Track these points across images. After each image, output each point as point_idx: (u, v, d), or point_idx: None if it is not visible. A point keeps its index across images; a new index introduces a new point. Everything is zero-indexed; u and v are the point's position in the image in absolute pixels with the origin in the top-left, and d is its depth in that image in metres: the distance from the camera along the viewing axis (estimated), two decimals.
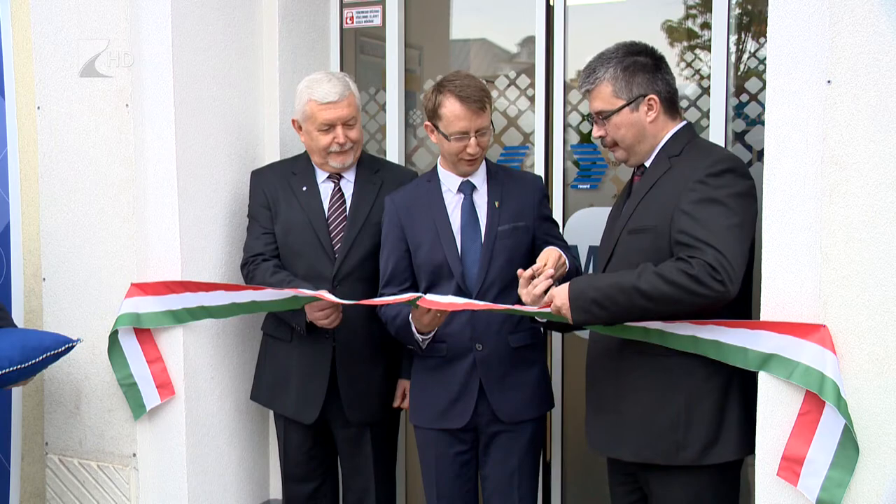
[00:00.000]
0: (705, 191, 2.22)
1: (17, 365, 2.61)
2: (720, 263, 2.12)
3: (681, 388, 2.29)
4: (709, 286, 2.12)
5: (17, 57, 3.12)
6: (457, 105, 2.57)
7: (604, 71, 2.38)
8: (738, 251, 2.16)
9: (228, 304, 2.91)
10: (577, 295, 2.26)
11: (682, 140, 2.38)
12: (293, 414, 2.95)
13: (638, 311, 2.21)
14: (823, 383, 2.08)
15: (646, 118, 2.37)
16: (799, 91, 2.14)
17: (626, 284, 2.20)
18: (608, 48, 2.43)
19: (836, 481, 2.09)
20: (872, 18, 2.02)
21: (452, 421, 2.69)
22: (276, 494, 3.41)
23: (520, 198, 2.71)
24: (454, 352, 2.67)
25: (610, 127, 2.39)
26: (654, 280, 2.16)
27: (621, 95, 2.36)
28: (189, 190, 3.02)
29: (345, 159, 2.90)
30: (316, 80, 2.88)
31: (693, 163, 2.29)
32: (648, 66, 2.37)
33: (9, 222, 3.06)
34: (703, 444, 2.27)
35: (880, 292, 2.05)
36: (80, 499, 3.20)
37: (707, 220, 2.18)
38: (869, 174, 2.05)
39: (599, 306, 2.23)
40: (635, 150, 2.40)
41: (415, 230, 2.73)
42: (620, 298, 2.20)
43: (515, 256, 2.66)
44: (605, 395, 2.42)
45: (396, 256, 2.76)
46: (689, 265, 2.14)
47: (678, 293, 2.14)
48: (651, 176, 2.37)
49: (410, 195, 2.79)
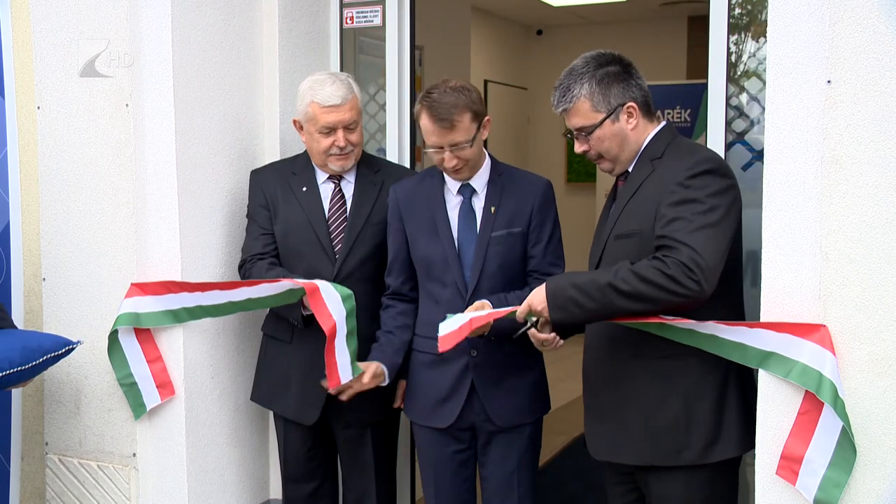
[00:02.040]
0: (684, 193, 2.22)
1: (17, 367, 2.61)
2: (695, 262, 2.12)
3: (678, 388, 2.30)
4: (684, 285, 2.12)
5: (17, 56, 3.11)
6: (427, 121, 2.57)
7: (579, 88, 2.35)
8: (714, 250, 2.15)
9: (225, 302, 2.91)
10: (554, 293, 2.27)
11: (663, 141, 2.38)
12: (294, 415, 2.95)
13: (615, 309, 2.21)
14: (821, 383, 2.08)
15: (627, 126, 2.36)
16: (799, 91, 2.14)
17: (603, 282, 2.20)
18: (575, 63, 2.40)
19: (834, 481, 2.09)
20: (873, 18, 2.03)
21: (438, 420, 2.70)
22: (276, 494, 3.41)
23: (518, 202, 2.69)
24: (449, 353, 2.65)
25: (593, 141, 2.37)
26: (630, 278, 2.17)
27: (600, 109, 2.35)
28: (189, 189, 3.02)
29: (344, 163, 2.90)
30: (319, 81, 2.87)
31: (674, 165, 2.29)
32: (620, 74, 2.36)
33: (9, 222, 3.06)
34: (704, 442, 2.28)
35: (880, 292, 2.05)
36: (80, 498, 3.20)
37: (684, 220, 2.18)
38: (869, 174, 2.05)
39: (576, 304, 2.23)
40: (620, 159, 2.40)
41: (413, 223, 2.73)
42: (597, 296, 2.20)
43: (507, 262, 2.66)
44: (603, 400, 2.42)
45: (396, 248, 2.77)
46: (664, 264, 2.15)
47: (654, 292, 2.14)
48: (634, 180, 2.37)
49: (413, 188, 2.79)
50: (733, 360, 2.23)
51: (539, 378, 2.78)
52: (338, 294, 2.69)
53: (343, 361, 2.69)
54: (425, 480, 2.81)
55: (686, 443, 2.28)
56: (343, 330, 2.69)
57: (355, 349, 2.72)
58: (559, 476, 4.54)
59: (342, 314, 2.68)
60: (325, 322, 2.66)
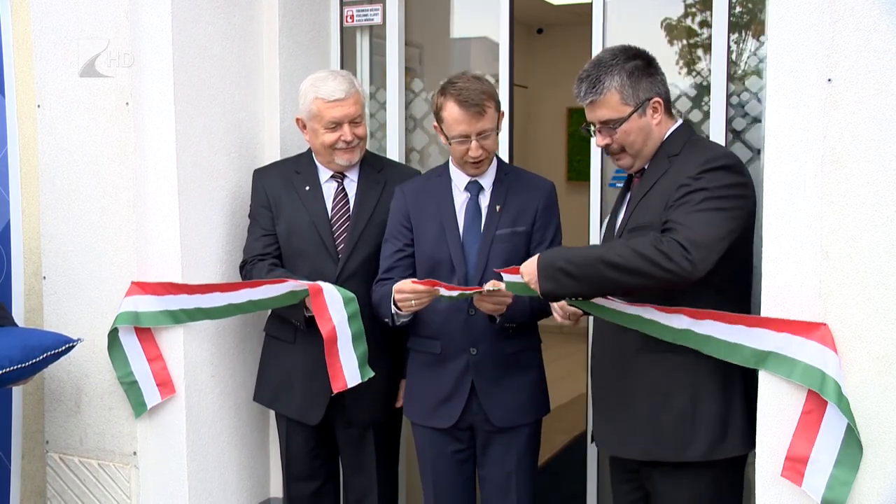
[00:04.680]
0: (695, 184, 2.23)
1: (17, 364, 2.61)
2: (691, 242, 2.13)
3: (685, 384, 2.30)
4: (676, 262, 2.12)
5: (17, 55, 3.11)
6: (455, 109, 2.56)
7: (609, 79, 2.34)
8: (714, 236, 2.16)
9: (225, 305, 2.91)
10: (546, 264, 2.25)
11: (681, 138, 2.38)
12: (298, 415, 2.95)
13: (605, 282, 2.20)
14: (824, 382, 2.08)
15: (652, 121, 2.36)
16: (799, 89, 2.14)
17: (596, 254, 2.21)
18: (602, 56, 2.40)
19: (841, 480, 2.09)
20: (873, 17, 2.02)
21: (440, 420, 2.70)
22: (276, 493, 3.41)
23: (524, 202, 2.69)
24: (448, 352, 2.67)
25: (619, 134, 2.37)
26: (625, 251, 2.17)
27: (629, 102, 2.34)
28: (189, 188, 3.02)
29: (351, 156, 2.90)
30: (321, 78, 2.87)
31: (690, 161, 2.30)
32: (647, 68, 2.37)
33: (9, 221, 3.06)
34: (711, 439, 2.28)
35: (881, 290, 2.05)
36: (80, 497, 3.20)
37: (687, 204, 2.20)
38: (869, 172, 2.05)
39: (566, 274, 2.22)
40: (643, 153, 2.39)
41: (421, 222, 2.72)
42: (588, 269, 2.20)
43: (512, 260, 2.65)
44: (611, 395, 2.43)
45: (397, 246, 2.75)
46: (659, 241, 2.16)
47: (646, 266, 2.14)
48: (651, 176, 2.37)
49: (421, 187, 2.79)
50: (730, 361, 2.23)
51: (538, 378, 2.78)
52: (340, 297, 2.69)
53: (349, 365, 2.69)
54: (424, 480, 2.81)
55: (692, 438, 2.28)
56: (346, 333, 2.68)
57: (364, 352, 2.72)
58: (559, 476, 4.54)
59: (343, 317, 2.68)
60: (324, 325, 2.66)
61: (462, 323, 2.65)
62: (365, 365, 2.71)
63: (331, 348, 2.68)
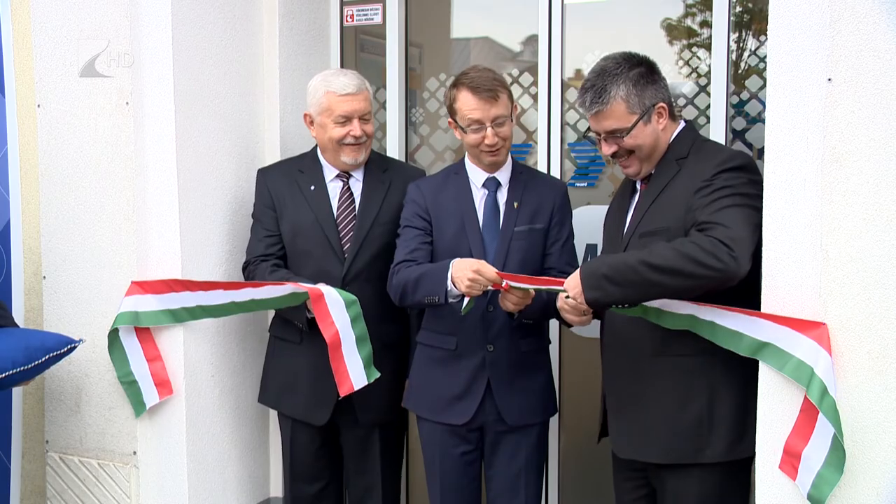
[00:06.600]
0: (717, 183, 2.24)
1: (20, 367, 2.62)
2: (732, 240, 2.13)
3: (701, 386, 2.31)
4: (720, 259, 2.12)
5: (17, 54, 3.12)
6: (468, 96, 2.59)
7: (615, 89, 2.33)
8: (749, 234, 2.17)
9: (227, 303, 2.91)
10: (588, 273, 2.25)
11: (686, 141, 2.39)
12: (304, 415, 2.94)
13: (649, 285, 2.19)
14: (812, 381, 2.08)
15: (658, 126, 2.37)
16: (799, 89, 2.14)
17: (637, 258, 2.20)
18: (605, 64, 2.37)
19: (826, 479, 2.09)
20: (873, 16, 2.02)
21: (454, 416, 2.69)
22: (276, 492, 3.41)
23: (540, 200, 2.70)
24: (464, 348, 2.67)
25: (627, 142, 2.36)
26: (666, 252, 2.16)
27: (635, 110, 2.34)
28: (189, 188, 3.02)
29: (357, 154, 2.89)
30: (331, 73, 2.89)
31: (703, 162, 2.30)
32: (650, 74, 2.37)
33: (9, 220, 3.06)
34: (728, 441, 2.29)
35: (881, 290, 2.05)
36: (80, 497, 3.20)
37: (720, 206, 2.20)
38: (869, 172, 2.05)
39: (610, 281, 2.21)
40: (651, 159, 2.39)
41: (440, 216, 2.72)
42: (631, 273, 2.19)
43: (529, 257, 2.67)
44: (626, 399, 2.43)
45: (418, 231, 2.73)
46: (701, 239, 2.16)
47: (691, 266, 2.13)
48: (660, 180, 2.37)
49: (438, 184, 2.78)
50: (729, 348, 2.23)
51: (548, 379, 2.79)
52: (342, 300, 2.69)
53: (355, 368, 2.69)
54: (430, 474, 2.80)
55: (708, 441, 2.29)
56: (350, 336, 2.68)
57: (369, 353, 2.71)
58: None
59: (346, 321, 2.68)
60: (327, 330, 2.66)
61: (479, 319, 2.65)
62: (370, 366, 2.71)
63: (335, 352, 2.67)
